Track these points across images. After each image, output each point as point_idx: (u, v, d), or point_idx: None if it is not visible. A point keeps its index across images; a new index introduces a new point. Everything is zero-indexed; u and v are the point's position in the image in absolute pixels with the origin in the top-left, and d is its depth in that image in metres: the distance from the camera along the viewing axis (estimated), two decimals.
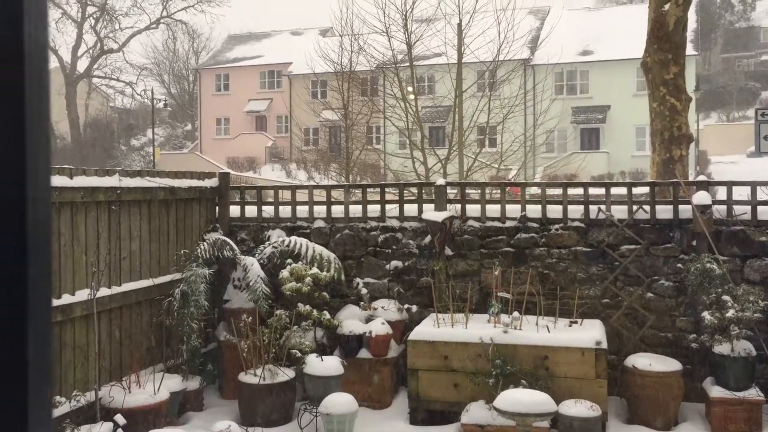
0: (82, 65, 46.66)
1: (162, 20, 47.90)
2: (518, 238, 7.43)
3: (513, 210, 7.56)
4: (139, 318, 6.70)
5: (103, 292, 6.12)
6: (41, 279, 0.65)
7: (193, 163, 38.17)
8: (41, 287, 0.65)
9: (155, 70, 55.41)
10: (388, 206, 7.88)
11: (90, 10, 45.94)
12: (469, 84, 18.04)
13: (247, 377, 6.66)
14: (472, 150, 18.44)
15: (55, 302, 5.57)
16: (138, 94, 47.91)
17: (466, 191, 7.96)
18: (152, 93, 42.26)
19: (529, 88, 21.31)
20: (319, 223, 8.01)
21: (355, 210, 7.95)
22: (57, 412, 5.45)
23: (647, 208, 7.17)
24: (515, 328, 6.49)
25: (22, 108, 0.62)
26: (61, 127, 45.21)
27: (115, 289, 6.33)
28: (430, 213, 7.54)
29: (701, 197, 6.86)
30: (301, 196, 8.35)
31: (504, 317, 6.68)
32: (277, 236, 7.89)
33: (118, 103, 52.91)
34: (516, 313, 6.65)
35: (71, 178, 5.77)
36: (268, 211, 8.16)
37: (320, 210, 8.06)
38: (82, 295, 5.84)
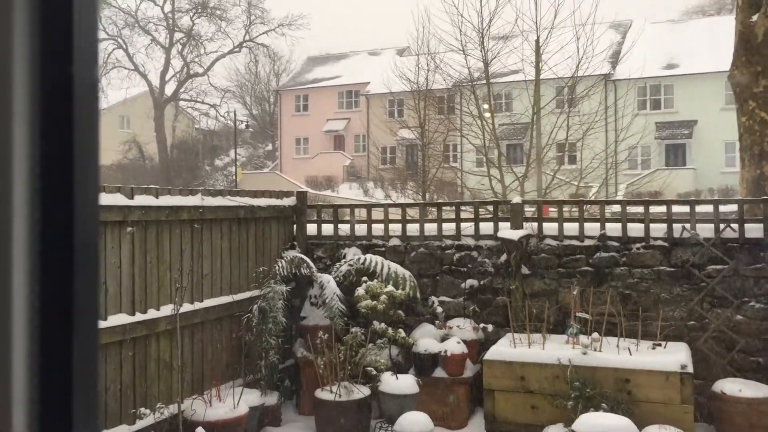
0: (169, 89, 48.66)
1: (245, 44, 49.48)
2: (598, 257, 7.25)
3: (592, 228, 7.38)
4: (219, 333, 6.88)
5: (186, 307, 6.32)
6: (88, 295, 0.68)
7: (273, 182, 39.10)
8: (88, 302, 0.68)
9: (238, 93, 57.17)
10: (463, 224, 7.85)
11: (177, 36, 47.95)
12: (548, 100, 17.79)
13: (323, 394, 6.73)
14: (550, 167, 18.17)
15: (141, 317, 5.79)
16: (221, 116, 49.58)
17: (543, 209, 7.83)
18: (235, 115, 43.63)
19: (610, 104, 20.85)
20: (395, 242, 8.04)
21: (431, 228, 7.95)
22: (141, 424, 5.65)
23: (735, 226, 6.86)
24: (595, 350, 6.31)
25: (71, 143, 0.65)
26: (150, 149, 47.20)
27: (198, 305, 6.53)
28: (506, 231, 7.45)
29: None
30: (377, 214, 8.41)
31: (583, 338, 6.51)
32: (352, 254, 7.96)
33: (203, 125, 54.81)
34: (595, 334, 6.47)
35: (157, 198, 6.01)
36: (344, 229, 8.26)
37: (395, 228, 8.10)
38: (167, 310, 6.05)
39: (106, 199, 5.45)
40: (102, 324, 5.36)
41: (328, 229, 8.34)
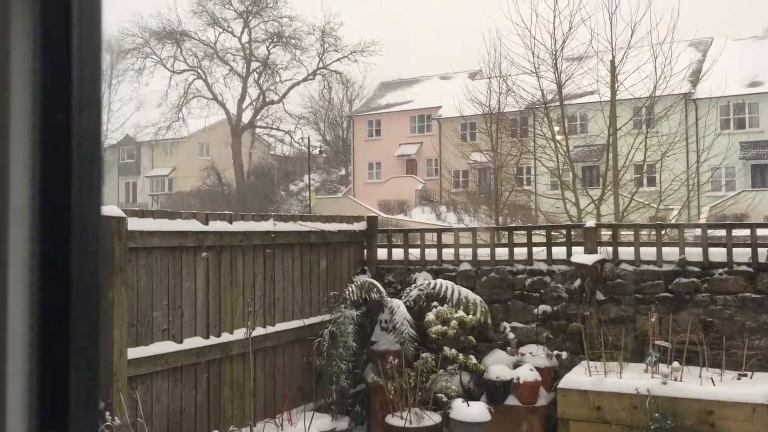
0: (246, 117, 50.06)
1: (318, 71, 50.49)
2: (677, 283, 6.98)
3: (670, 253, 7.12)
4: (291, 357, 6.95)
5: (258, 331, 6.42)
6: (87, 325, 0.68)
7: (346, 206, 39.49)
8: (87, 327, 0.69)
9: (312, 119, 58.28)
10: (535, 249, 7.71)
11: (254, 65, 49.39)
12: (624, 121, 17.38)
13: (393, 420, 6.69)
14: (627, 190, 17.69)
15: (215, 340, 5.92)
16: (296, 142, 50.55)
17: (619, 233, 7.61)
18: (309, 140, 44.43)
19: (691, 124, 20.20)
20: (465, 266, 7.97)
21: (502, 253, 7.85)
22: None
23: None
24: (675, 380, 6.05)
25: (69, 186, 0.66)
26: (227, 175, 48.55)
27: (269, 329, 6.63)
28: (580, 256, 7.28)
29: None
30: (447, 238, 8.36)
31: (662, 367, 6.25)
32: (423, 279, 7.93)
33: (278, 151, 56.04)
34: (676, 363, 6.20)
35: (230, 223, 6.16)
36: (414, 253, 8.25)
37: (466, 253, 8.03)
38: (239, 333, 6.16)
39: (182, 225, 5.62)
40: (177, 347, 5.51)
41: (398, 253, 8.35)
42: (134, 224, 5.09)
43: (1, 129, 0.63)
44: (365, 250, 8.30)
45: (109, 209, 4.94)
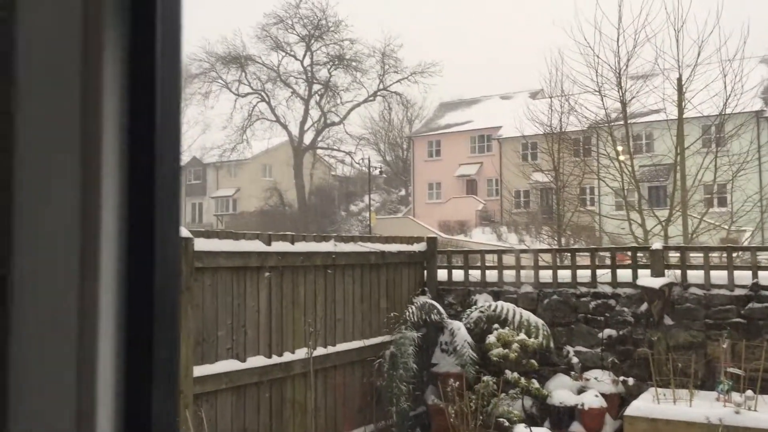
0: (308, 138, 50.85)
1: (378, 93, 50.96)
2: (750, 308, 6.71)
3: (743, 277, 6.87)
4: (351, 378, 6.97)
5: (320, 351, 6.46)
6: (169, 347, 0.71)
7: (406, 226, 39.52)
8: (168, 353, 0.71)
9: (372, 140, 58.72)
10: (599, 271, 7.55)
11: (315, 87, 50.21)
12: (692, 140, 16.92)
13: None
14: (697, 210, 17.17)
15: (277, 360, 5.99)
16: (356, 163, 51.00)
17: (688, 255, 7.38)
18: (369, 161, 44.77)
19: (764, 143, 19.52)
20: (527, 288, 7.86)
21: (564, 275, 7.71)
22: None
23: None
24: (749, 409, 5.80)
25: (152, 209, 0.69)
26: (289, 195, 49.32)
27: (330, 349, 6.66)
28: (647, 279, 7.09)
29: None
30: (508, 260, 8.27)
31: (735, 396, 6.01)
32: (483, 300, 7.85)
33: (339, 172, 56.64)
34: (750, 392, 5.95)
35: (292, 244, 6.25)
36: (474, 275, 8.18)
37: (527, 275, 7.92)
38: (301, 353, 6.22)
39: (246, 245, 5.73)
40: (241, 365, 5.59)
41: (458, 274, 8.29)
42: (200, 245, 5.22)
43: (96, 140, 0.67)
44: (425, 271, 8.28)
45: None
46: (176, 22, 0.72)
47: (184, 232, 5.06)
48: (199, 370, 5.14)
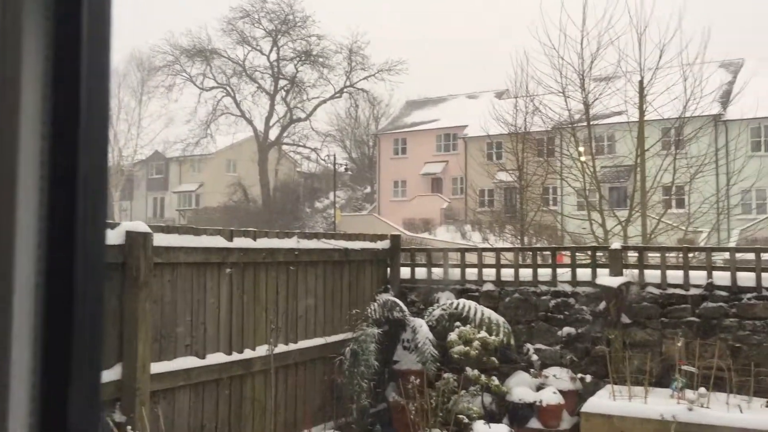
0: (273, 134, 50.53)
1: (345, 90, 50.86)
2: (704, 308, 6.87)
3: (698, 276, 7.02)
4: (312, 375, 6.95)
5: (281, 348, 6.43)
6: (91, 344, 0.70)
7: (371, 224, 39.53)
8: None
9: (338, 137, 58.61)
10: (559, 270, 7.65)
11: (282, 83, 49.91)
12: (653, 142, 17.23)
13: None
14: (655, 211, 17.49)
15: (237, 356, 5.94)
16: (322, 160, 50.91)
17: (646, 255, 7.52)
18: (335, 158, 44.70)
19: (721, 146, 19.97)
20: (488, 286, 7.92)
21: (526, 273, 7.79)
22: None
23: None
24: (702, 406, 5.94)
25: (74, 195, 0.68)
26: (253, 191, 48.95)
27: (292, 346, 6.64)
28: (605, 278, 7.20)
29: None
30: (471, 258, 8.33)
31: (689, 393, 6.14)
32: (446, 298, 7.90)
33: (304, 168, 56.42)
34: (703, 389, 6.09)
35: (255, 240, 6.20)
36: (437, 273, 8.22)
37: (489, 273, 7.99)
38: (262, 350, 6.18)
39: (207, 241, 5.67)
40: (200, 362, 5.54)
41: (421, 272, 8.33)
42: (160, 240, 5.15)
43: (12, 137, 0.65)
44: (388, 269, 8.29)
45: (136, 225, 5.01)
46: (105, 14, 0.71)
47: (143, 227, 4.99)
48: (156, 367, 5.08)
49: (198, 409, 5.56)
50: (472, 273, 8.08)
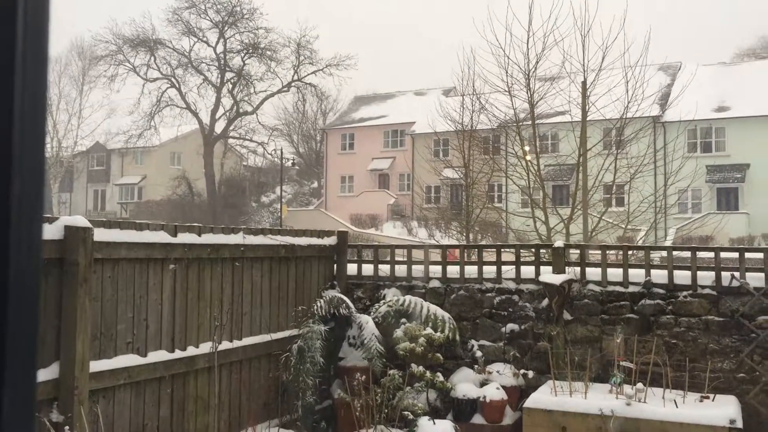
0: (219, 127, 49.80)
1: (293, 84, 50.46)
2: (642, 305, 7.07)
3: (637, 274, 7.22)
4: (257, 372, 6.89)
5: (225, 345, 6.35)
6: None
7: (317, 219, 39.37)
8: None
9: (285, 131, 58.16)
10: (504, 267, 7.75)
11: (228, 75, 49.20)
12: (595, 142, 17.61)
13: None
14: (597, 210, 17.90)
15: (180, 354, 5.84)
16: (269, 154, 50.42)
17: (587, 253, 7.68)
18: (282, 152, 44.32)
19: (660, 147, 20.56)
20: (435, 283, 7.98)
21: (471, 270, 7.87)
22: None
23: None
24: (639, 401, 6.11)
25: (8, 188, 0.65)
26: (198, 185, 48.17)
27: (236, 343, 6.56)
28: (548, 276, 7.34)
29: None
30: (417, 255, 8.38)
31: (627, 388, 6.31)
32: (392, 295, 7.92)
33: (250, 162, 55.80)
34: (640, 385, 6.27)
35: (199, 236, 6.10)
36: (384, 269, 8.24)
37: (436, 270, 8.04)
38: (205, 347, 6.09)
39: (149, 236, 5.55)
40: (141, 360, 5.42)
41: (368, 269, 8.33)
42: (100, 235, 5.02)
43: None
44: (335, 265, 8.27)
45: (75, 219, 4.87)
46: (42, 5, 0.68)
47: (83, 222, 4.86)
48: (96, 365, 4.96)
49: (139, 407, 5.45)
50: (418, 270, 8.12)
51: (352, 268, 8.35)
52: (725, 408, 5.94)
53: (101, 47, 46.67)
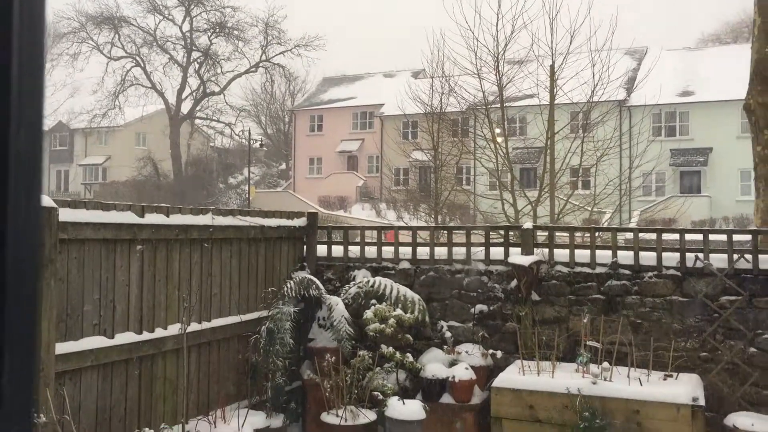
0: (186, 107, 49.11)
1: (261, 64, 49.93)
2: (609, 286, 7.18)
3: (604, 256, 7.32)
4: (226, 354, 6.85)
5: (194, 327, 6.30)
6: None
7: (286, 201, 39.19)
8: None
9: (253, 112, 57.60)
10: (473, 249, 7.80)
11: (195, 55, 48.46)
12: (562, 125, 17.77)
13: (329, 417, 6.67)
14: (564, 192, 18.10)
15: (148, 336, 5.78)
16: (236, 135, 49.91)
17: (555, 235, 7.77)
18: (249, 133, 43.89)
19: (625, 130, 20.84)
20: (404, 264, 8.01)
21: (441, 252, 7.91)
22: None
23: (749, 257, 6.77)
24: (605, 380, 6.22)
25: (6, 175, 0.64)
26: (164, 166, 47.55)
27: (205, 325, 6.51)
28: (517, 257, 7.40)
29: None
30: (388, 236, 8.38)
31: (593, 367, 6.42)
32: (362, 276, 7.93)
33: (218, 143, 55.20)
34: (606, 364, 6.38)
35: (167, 216, 6.02)
36: (354, 251, 8.24)
37: (406, 251, 8.06)
38: (174, 329, 6.03)
39: (116, 217, 5.46)
40: (108, 342, 5.35)
41: (338, 250, 8.32)
42: (66, 215, 4.92)
43: None
44: (305, 247, 8.24)
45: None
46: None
47: (48, 202, 4.75)
48: (62, 347, 4.88)
49: (106, 390, 5.39)
50: (388, 251, 8.13)
51: (322, 250, 8.33)
52: (688, 386, 6.08)
53: (63, 24, 45.64)
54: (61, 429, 4.73)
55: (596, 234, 7.54)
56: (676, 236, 7.15)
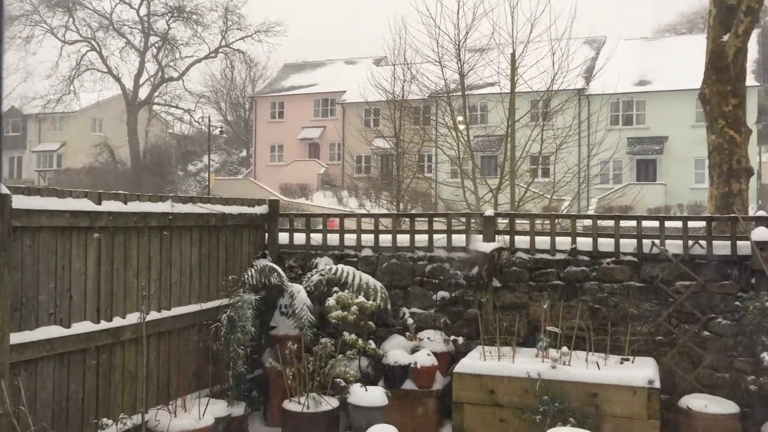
0: (143, 93, 48.19)
1: (221, 50, 49.23)
2: (568, 271, 7.28)
3: (563, 242, 7.42)
4: (187, 342, 6.77)
5: (153, 315, 6.20)
6: None
7: (246, 188, 38.82)
8: None
9: (213, 98, 56.81)
10: (436, 236, 7.84)
11: (152, 39, 47.53)
12: (522, 113, 17.92)
13: (291, 405, 6.65)
14: (524, 180, 18.29)
15: (106, 325, 5.67)
16: (196, 121, 49.20)
17: (516, 222, 7.84)
18: (209, 120, 43.30)
19: (584, 119, 21.11)
20: (367, 252, 8.01)
21: (403, 239, 7.93)
22: None
23: (704, 243, 6.94)
24: (564, 364, 6.33)
25: None
26: (122, 153, 46.67)
27: (165, 313, 6.42)
28: (478, 244, 7.46)
29: (761, 233, 6.60)
30: (350, 224, 8.37)
31: (552, 352, 6.52)
32: (324, 264, 7.91)
33: (176, 130, 54.36)
34: (565, 348, 6.48)
35: (125, 204, 5.91)
36: (316, 238, 8.21)
37: (368, 238, 8.06)
38: (133, 318, 5.93)
39: (72, 204, 5.34)
40: (65, 332, 5.25)
41: (300, 238, 8.28)
42: (19, 202, 4.80)
43: None
44: (266, 234, 8.18)
45: None
46: None
47: (0, 189, 4.62)
48: (16, 337, 4.77)
49: (63, 380, 5.29)
50: (350, 238, 8.13)
51: (283, 237, 8.28)
52: (644, 369, 6.22)
53: (15, 6, 44.24)
54: (16, 420, 4.62)
55: (556, 221, 7.64)
56: (634, 223, 7.28)
